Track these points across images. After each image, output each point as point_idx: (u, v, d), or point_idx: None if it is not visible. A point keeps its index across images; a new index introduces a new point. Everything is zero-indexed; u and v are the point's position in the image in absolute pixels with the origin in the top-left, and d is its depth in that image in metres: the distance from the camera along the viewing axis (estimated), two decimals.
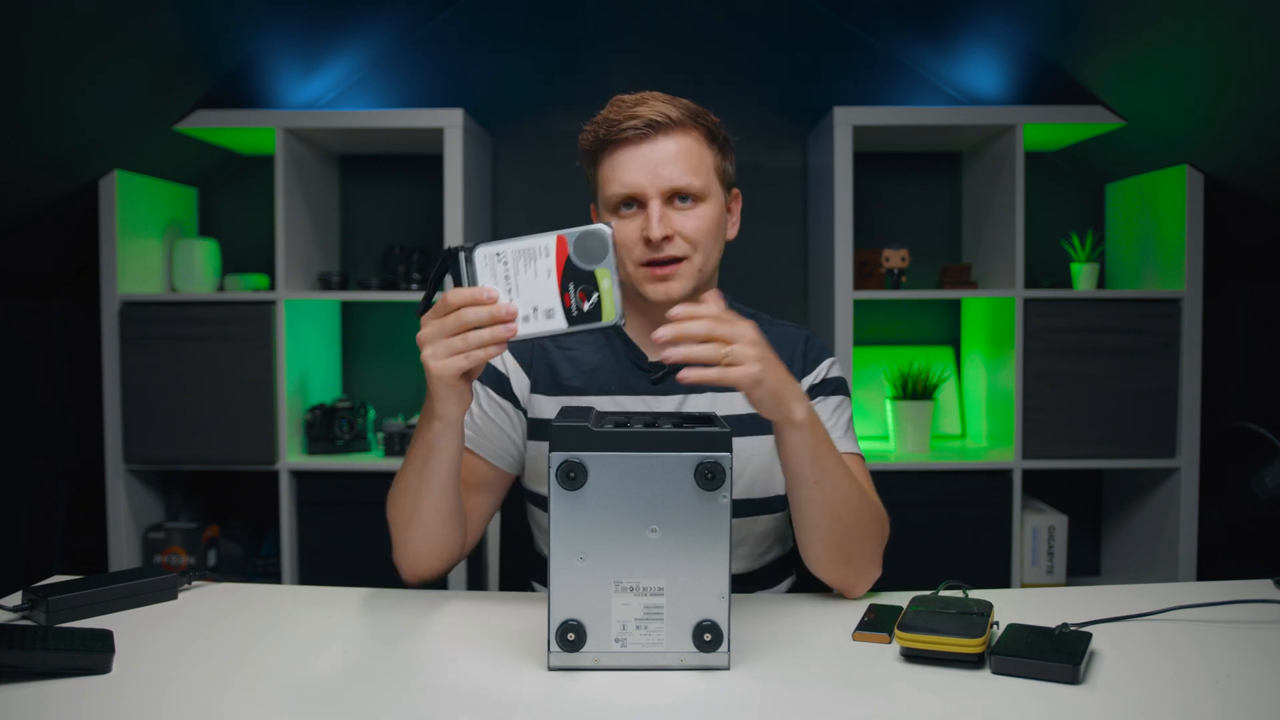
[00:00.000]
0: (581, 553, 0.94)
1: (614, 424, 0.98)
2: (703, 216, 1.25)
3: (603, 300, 0.98)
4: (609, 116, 1.25)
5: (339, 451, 2.40)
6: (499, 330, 0.97)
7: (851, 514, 1.13)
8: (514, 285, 0.98)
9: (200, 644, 1.03)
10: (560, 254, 0.97)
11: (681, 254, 1.23)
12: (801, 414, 1.06)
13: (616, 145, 1.24)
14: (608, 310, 0.98)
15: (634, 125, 1.22)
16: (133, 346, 2.29)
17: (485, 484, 1.32)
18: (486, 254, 0.98)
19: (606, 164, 1.25)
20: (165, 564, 2.40)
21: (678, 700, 0.89)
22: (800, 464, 1.09)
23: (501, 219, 2.72)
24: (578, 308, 0.98)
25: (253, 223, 2.66)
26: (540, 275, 0.98)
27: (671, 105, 1.25)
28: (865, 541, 1.16)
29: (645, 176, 1.22)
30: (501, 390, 1.33)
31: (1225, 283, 2.59)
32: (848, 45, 2.68)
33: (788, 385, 1.05)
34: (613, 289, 0.98)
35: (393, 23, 2.56)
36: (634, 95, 1.27)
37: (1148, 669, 0.94)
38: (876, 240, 2.66)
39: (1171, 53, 1.96)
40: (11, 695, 0.88)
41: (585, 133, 1.28)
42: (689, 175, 1.23)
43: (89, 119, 2.05)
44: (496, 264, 0.98)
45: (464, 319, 0.98)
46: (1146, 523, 2.46)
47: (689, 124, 1.25)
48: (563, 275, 0.98)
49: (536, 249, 0.98)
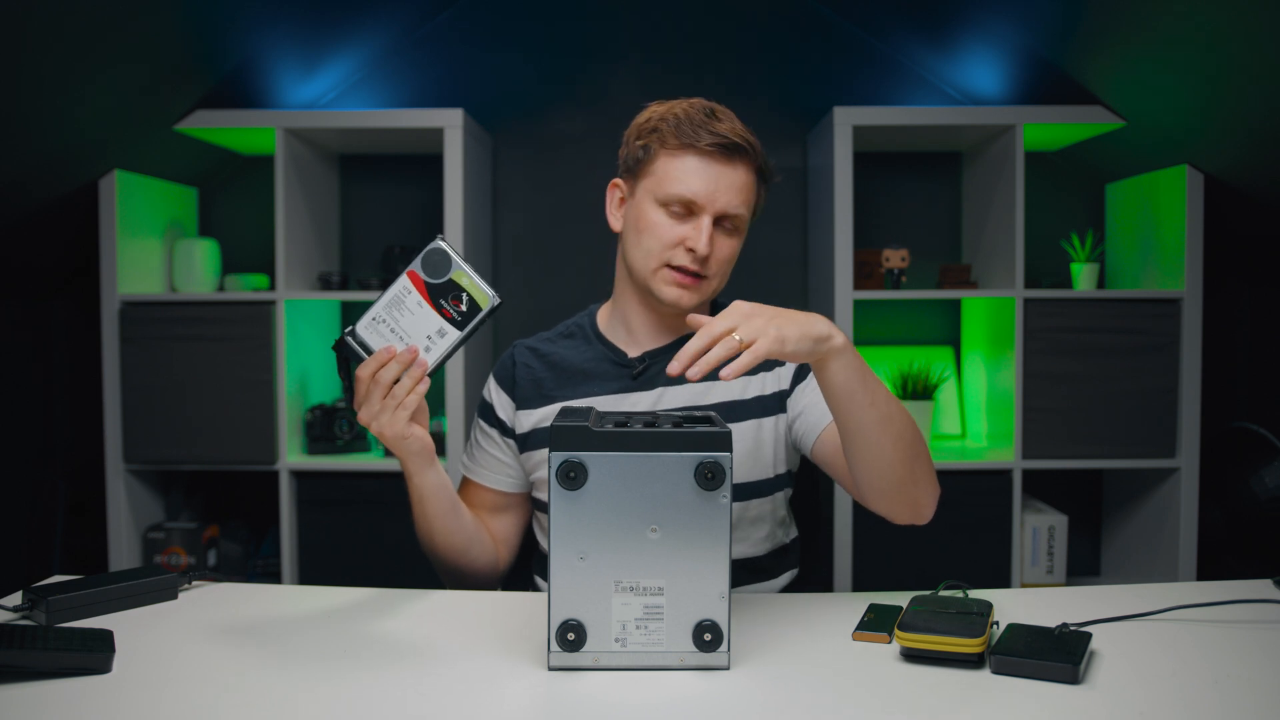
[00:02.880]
0: (582, 552, 0.94)
1: (614, 424, 0.98)
2: (733, 246, 1.32)
3: (472, 294, 1.09)
4: (694, 118, 1.28)
5: (339, 451, 2.40)
6: (413, 370, 1.09)
7: (910, 428, 1.15)
8: (401, 331, 1.10)
9: (200, 644, 1.03)
10: (418, 284, 1.09)
11: (710, 274, 1.29)
12: (840, 340, 1.08)
13: (696, 151, 1.27)
14: (480, 298, 1.09)
15: (722, 141, 1.26)
16: (133, 346, 2.29)
17: (497, 506, 1.41)
18: (365, 324, 1.10)
19: (678, 162, 1.28)
20: (165, 564, 2.40)
21: (678, 700, 0.89)
22: (853, 388, 1.10)
23: (501, 219, 2.72)
24: (458, 313, 1.09)
25: (253, 223, 2.66)
26: (414, 310, 1.09)
27: (749, 134, 1.31)
28: (924, 456, 1.18)
29: (710, 192, 1.27)
30: (488, 418, 1.40)
31: (1225, 283, 2.59)
32: (848, 45, 2.68)
33: (811, 324, 1.06)
34: (474, 280, 1.08)
35: (393, 23, 2.56)
36: (712, 104, 1.31)
37: (1148, 669, 0.94)
38: (876, 240, 2.66)
39: (1171, 53, 1.96)
40: (11, 695, 0.88)
41: (666, 120, 1.29)
42: (743, 207, 1.30)
43: (89, 119, 2.05)
44: (378, 326, 1.10)
45: (381, 382, 1.09)
46: (1146, 523, 2.46)
47: (756, 156, 1.31)
48: (430, 298, 1.09)
49: (399, 293, 1.09)
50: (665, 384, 1.33)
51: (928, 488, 1.19)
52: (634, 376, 1.34)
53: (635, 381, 1.34)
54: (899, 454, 1.13)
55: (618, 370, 1.35)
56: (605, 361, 1.37)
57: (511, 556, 1.42)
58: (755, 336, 1.02)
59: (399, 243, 2.62)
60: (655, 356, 1.36)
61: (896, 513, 1.18)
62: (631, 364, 1.35)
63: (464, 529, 1.28)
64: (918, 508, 1.19)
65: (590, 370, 1.36)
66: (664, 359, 1.34)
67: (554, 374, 1.37)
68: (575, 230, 2.66)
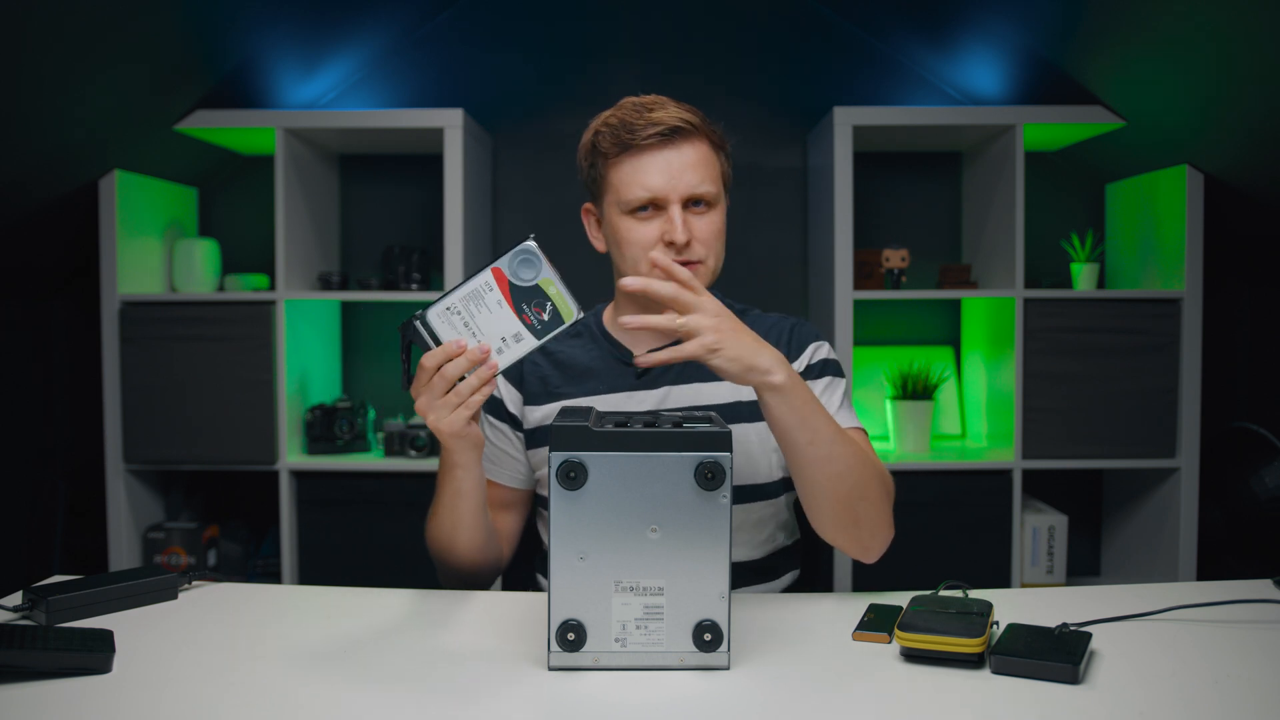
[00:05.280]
0: (582, 552, 0.94)
1: (614, 424, 0.98)
2: (714, 221, 1.30)
3: (557, 305, 1.04)
4: (626, 119, 1.27)
5: (339, 451, 2.40)
6: (482, 371, 1.04)
7: (852, 471, 1.14)
8: (475, 328, 1.05)
9: (200, 644, 1.03)
10: (501, 283, 1.04)
11: (699, 258, 1.28)
12: (779, 378, 1.08)
13: (638, 150, 1.26)
14: (565, 311, 1.05)
15: (659, 130, 1.25)
16: (133, 346, 2.29)
17: (506, 503, 1.40)
18: (438, 312, 1.04)
19: (627, 166, 1.27)
20: (165, 564, 2.40)
21: (678, 700, 0.89)
22: (788, 426, 1.10)
23: (501, 219, 2.72)
24: (539, 321, 1.05)
25: (253, 223, 2.66)
26: (493, 308, 1.04)
27: (688, 111, 1.29)
28: (871, 500, 1.17)
29: (668, 181, 1.26)
30: (498, 413, 1.39)
31: (1225, 283, 2.59)
32: (848, 45, 2.68)
33: (758, 353, 1.07)
34: (561, 291, 1.04)
35: (393, 23, 2.56)
36: (645, 98, 1.31)
37: (1148, 669, 0.94)
38: (876, 240, 2.66)
39: (1171, 53, 1.96)
40: (11, 695, 0.88)
41: (601, 134, 1.30)
42: (707, 182, 1.28)
43: (89, 119, 2.05)
44: (451, 317, 1.05)
45: (447, 376, 1.04)
46: (1146, 523, 2.46)
47: (703, 131, 1.29)
48: (513, 300, 1.04)
49: (480, 288, 1.04)
50: (669, 383, 1.33)
51: (874, 529, 1.19)
52: (639, 375, 1.34)
53: (640, 380, 1.34)
54: (838, 495, 1.14)
55: (623, 369, 1.36)
56: (611, 360, 1.37)
57: (512, 553, 1.42)
58: (693, 333, 1.04)
59: (399, 243, 2.62)
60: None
61: (842, 546, 1.20)
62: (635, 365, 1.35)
63: (487, 525, 1.27)
64: (863, 548, 1.20)
65: (596, 368, 1.36)
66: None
67: (560, 372, 1.37)
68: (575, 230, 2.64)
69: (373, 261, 2.69)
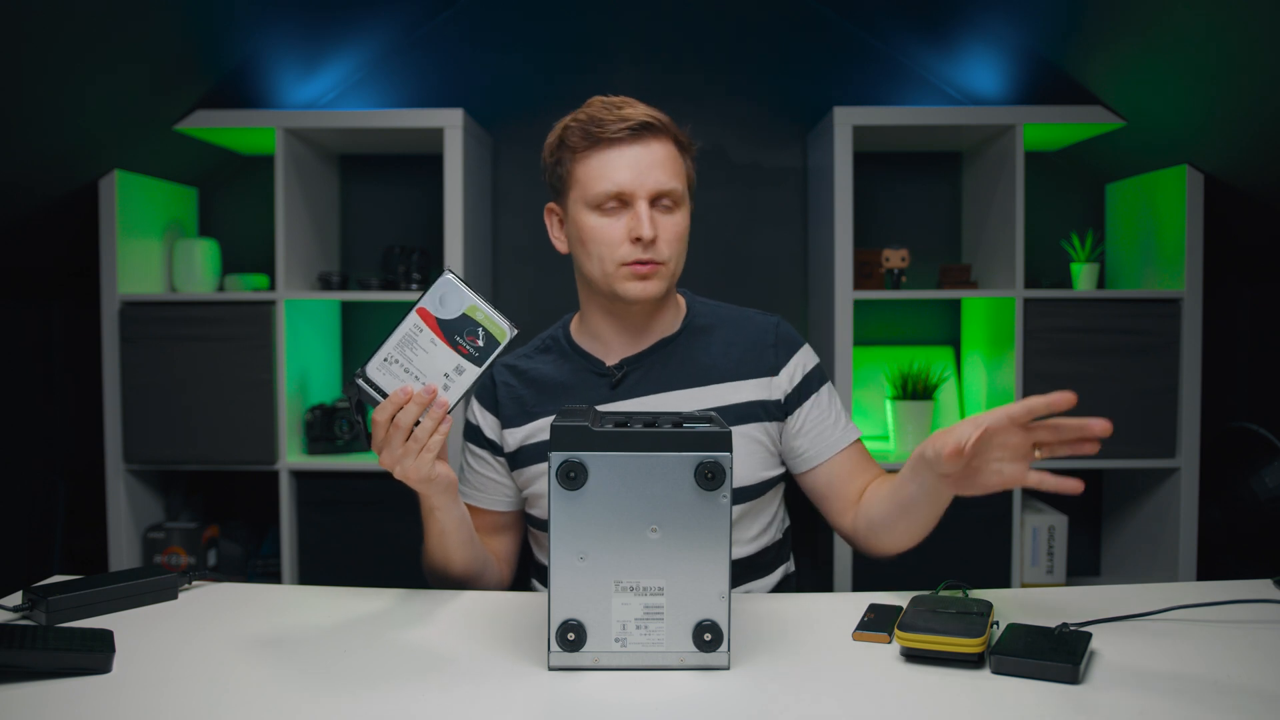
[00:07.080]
0: (581, 552, 0.94)
1: (614, 424, 0.98)
2: (679, 223, 1.30)
3: (488, 328, 1.05)
4: (595, 115, 1.28)
5: (339, 451, 2.40)
6: (434, 411, 1.06)
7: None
8: (416, 371, 1.06)
9: (200, 644, 1.03)
10: (429, 321, 1.05)
11: (663, 258, 1.28)
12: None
13: (606, 144, 1.26)
14: (497, 332, 1.05)
15: (628, 126, 1.26)
16: (133, 346, 2.29)
17: (498, 528, 1.41)
18: (377, 365, 1.06)
19: (595, 161, 1.27)
20: (165, 564, 2.40)
21: (678, 700, 0.89)
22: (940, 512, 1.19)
23: (501, 219, 2.72)
24: (474, 349, 1.05)
25: (253, 223, 2.66)
26: (428, 348, 1.05)
27: (655, 110, 1.30)
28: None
29: (635, 177, 1.26)
30: (477, 440, 1.40)
31: (1225, 283, 2.59)
32: (848, 45, 2.68)
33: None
34: (489, 314, 1.05)
35: (393, 23, 2.56)
36: (614, 98, 1.32)
37: (1147, 669, 0.94)
38: (876, 240, 2.66)
39: (1171, 53, 1.96)
40: (11, 695, 0.88)
41: (570, 129, 1.30)
42: (674, 180, 1.28)
43: (89, 119, 2.05)
44: (390, 367, 1.06)
45: (401, 425, 1.06)
46: (1146, 523, 2.46)
47: (670, 131, 1.30)
48: (444, 335, 1.05)
49: (410, 331, 1.05)
50: (644, 392, 1.33)
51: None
52: (613, 386, 1.34)
53: (615, 391, 1.34)
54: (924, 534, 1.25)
55: (597, 380, 1.35)
56: (584, 372, 1.36)
57: (513, 572, 1.43)
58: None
59: (399, 243, 2.62)
60: (633, 364, 1.34)
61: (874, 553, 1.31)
62: (610, 373, 1.35)
63: (480, 554, 1.29)
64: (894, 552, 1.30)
65: (569, 383, 1.36)
66: (641, 366, 1.34)
67: (534, 390, 1.36)
68: None
69: (373, 261, 2.69)
